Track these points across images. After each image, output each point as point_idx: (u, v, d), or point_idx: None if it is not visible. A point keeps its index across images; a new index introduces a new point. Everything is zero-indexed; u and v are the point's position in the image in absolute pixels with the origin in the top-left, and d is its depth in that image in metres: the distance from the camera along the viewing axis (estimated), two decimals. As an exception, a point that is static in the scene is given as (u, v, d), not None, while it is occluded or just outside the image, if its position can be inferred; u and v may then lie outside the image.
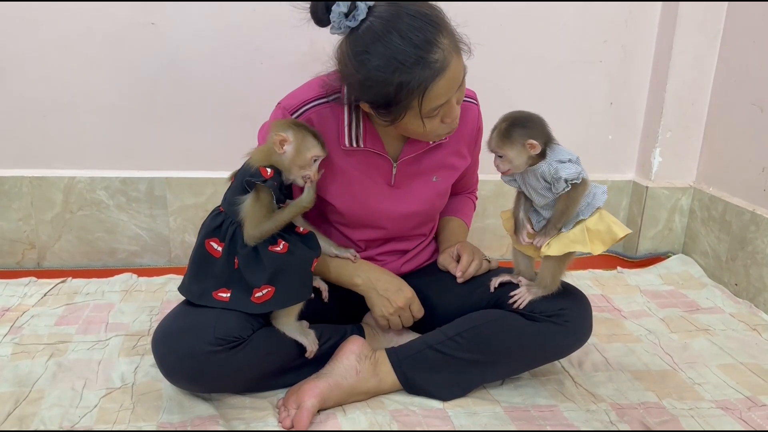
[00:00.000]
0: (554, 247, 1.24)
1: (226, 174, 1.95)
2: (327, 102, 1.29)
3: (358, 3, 1.11)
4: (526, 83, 2.07)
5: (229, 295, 1.21)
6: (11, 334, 1.51)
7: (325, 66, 1.25)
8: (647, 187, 2.15)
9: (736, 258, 1.94)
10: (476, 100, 1.44)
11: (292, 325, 1.26)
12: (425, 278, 1.47)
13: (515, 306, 1.30)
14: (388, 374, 1.31)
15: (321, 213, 1.41)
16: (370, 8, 1.11)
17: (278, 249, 1.20)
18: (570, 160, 1.23)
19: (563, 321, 1.29)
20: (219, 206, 1.26)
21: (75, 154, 1.91)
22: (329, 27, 1.15)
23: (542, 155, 1.23)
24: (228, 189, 1.25)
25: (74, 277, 1.85)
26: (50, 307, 1.67)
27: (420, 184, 1.39)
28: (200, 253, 1.24)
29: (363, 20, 1.11)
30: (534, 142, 1.21)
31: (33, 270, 1.93)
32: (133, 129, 1.92)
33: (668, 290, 1.94)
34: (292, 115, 1.28)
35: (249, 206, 1.19)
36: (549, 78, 2.08)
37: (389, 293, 1.36)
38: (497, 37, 1.99)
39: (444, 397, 1.32)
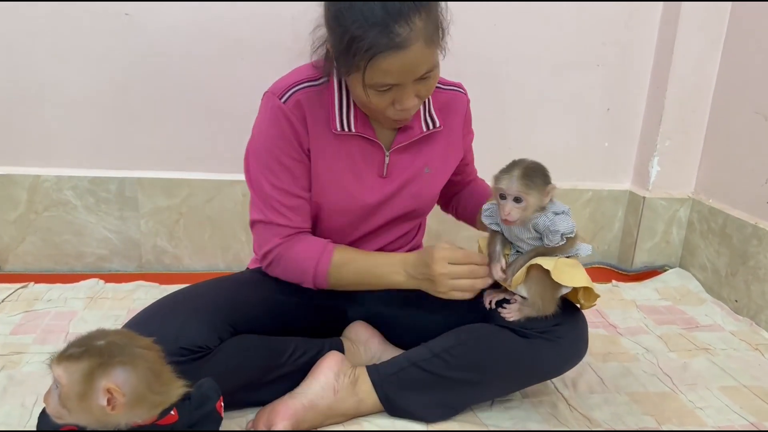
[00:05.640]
0: (519, 274, 1.17)
1: (203, 175, 1.89)
2: (315, 85, 1.21)
3: None
4: (520, 86, 1.99)
5: None
6: (-39, 344, 1.41)
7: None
8: (644, 198, 2.07)
9: (737, 273, 1.86)
10: (464, 90, 1.38)
11: None
12: (406, 290, 1.37)
13: (502, 317, 1.21)
14: (368, 394, 1.22)
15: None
16: None
17: None
18: (564, 212, 1.16)
19: (556, 337, 1.20)
20: None
21: (41, 150, 1.81)
22: None
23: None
24: None
25: (37, 281, 1.76)
26: (7, 314, 1.57)
27: (413, 176, 1.31)
28: None
29: None
30: (554, 186, 1.14)
31: (-7, 274, 1.82)
32: (103, 125, 1.82)
33: (666, 306, 1.86)
34: (280, 98, 1.19)
35: None
36: (544, 81, 2.00)
37: (425, 274, 1.19)
38: (491, 37, 1.92)
39: (428, 419, 1.23)
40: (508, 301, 1.24)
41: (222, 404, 0.97)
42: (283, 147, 1.21)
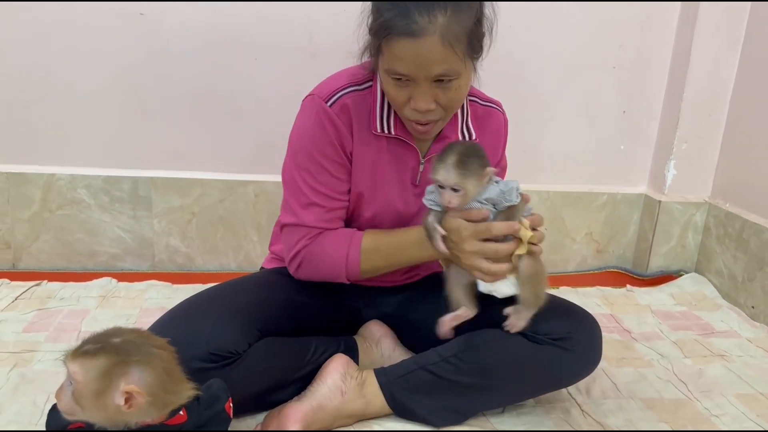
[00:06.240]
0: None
1: (216, 175, 1.89)
2: (360, 90, 1.21)
3: None
4: (535, 88, 1.97)
5: None
6: (-26, 341, 1.41)
7: (326, 62, 1.19)
8: (660, 201, 2.04)
9: (754, 279, 1.82)
10: (502, 109, 1.36)
11: None
12: (420, 293, 1.37)
13: (507, 331, 1.18)
14: (376, 395, 1.21)
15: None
16: None
17: None
18: (498, 179, 1.15)
19: (570, 346, 1.18)
20: None
21: (56, 149, 1.82)
22: None
23: None
24: None
25: (50, 280, 1.76)
26: (20, 312, 1.57)
27: None
28: None
29: None
30: (492, 169, 1.12)
31: (7, 271, 1.82)
32: (117, 125, 1.82)
33: (681, 311, 1.83)
34: (326, 102, 1.19)
35: None
36: (559, 83, 1.98)
37: (452, 244, 1.14)
38: (505, 38, 1.88)
39: (437, 423, 1.22)
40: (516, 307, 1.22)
41: (231, 405, 0.97)
42: (325, 150, 1.20)
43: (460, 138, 1.27)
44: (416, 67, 1.07)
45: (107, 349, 0.83)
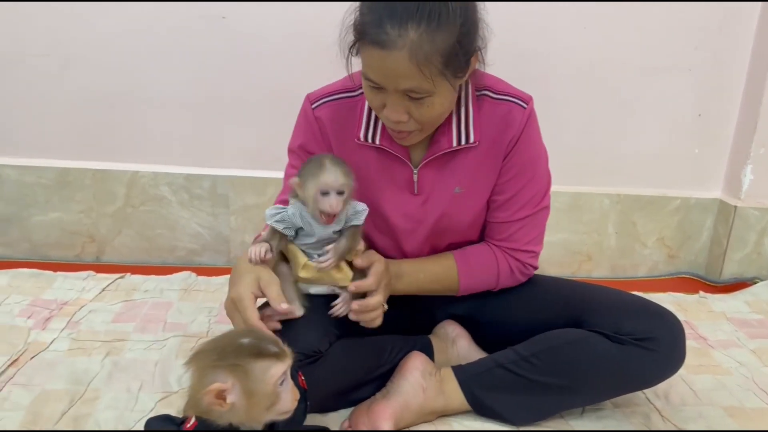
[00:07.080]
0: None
1: (290, 174, 1.93)
2: (351, 96, 1.24)
3: None
4: (608, 90, 1.95)
5: None
6: (68, 329, 1.48)
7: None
8: (735, 207, 1.99)
9: (836, 288, 1.77)
10: (525, 103, 1.21)
11: None
12: (491, 294, 1.35)
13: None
14: (455, 392, 1.23)
15: None
16: None
17: None
18: None
19: (654, 346, 1.16)
20: None
21: (139, 148, 1.89)
22: None
23: None
24: None
25: (132, 272, 1.82)
26: (108, 302, 1.64)
27: (442, 193, 1.26)
28: None
29: None
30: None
31: (92, 264, 1.90)
32: (198, 125, 1.88)
33: (757, 319, 1.79)
34: (312, 105, 1.25)
35: None
36: (632, 85, 1.95)
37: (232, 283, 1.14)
38: (580, 40, 1.88)
39: (515, 421, 1.23)
40: (594, 305, 1.23)
41: (303, 378, 1.01)
42: (300, 147, 1.28)
43: (455, 143, 1.21)
44: (384, 77, 1.05)
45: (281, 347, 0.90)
